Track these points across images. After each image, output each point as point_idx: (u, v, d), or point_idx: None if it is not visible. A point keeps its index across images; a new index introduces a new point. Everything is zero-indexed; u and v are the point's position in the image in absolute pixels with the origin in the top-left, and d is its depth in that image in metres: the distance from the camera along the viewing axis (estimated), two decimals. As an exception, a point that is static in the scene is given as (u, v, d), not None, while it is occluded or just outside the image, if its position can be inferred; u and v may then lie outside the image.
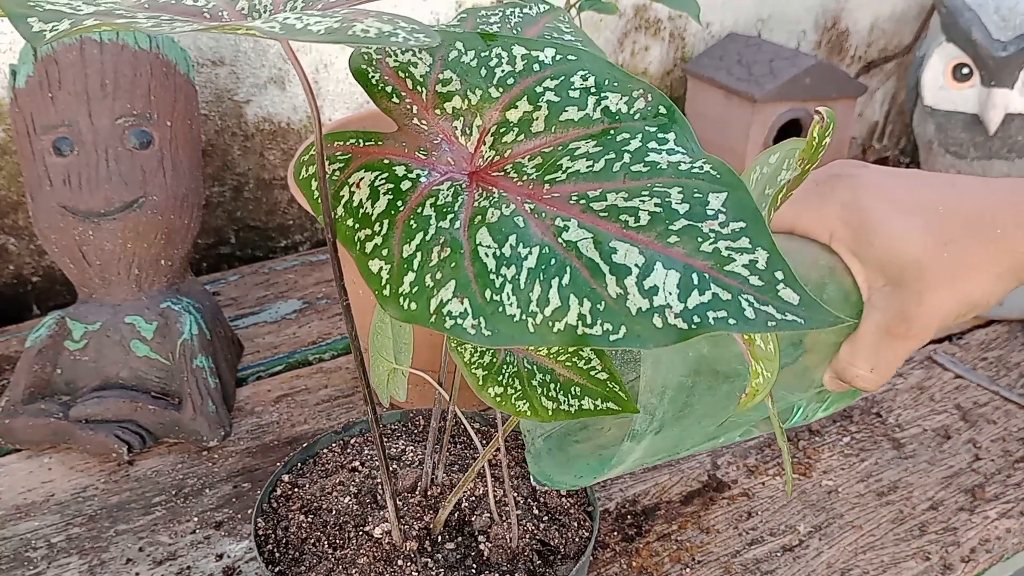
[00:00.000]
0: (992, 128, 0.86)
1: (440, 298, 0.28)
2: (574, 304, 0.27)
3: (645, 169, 0.29)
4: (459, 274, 0.29)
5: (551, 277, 0.27)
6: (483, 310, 0.28)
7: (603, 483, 0.64)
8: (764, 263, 0.26)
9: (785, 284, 0.26)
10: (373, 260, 0.30)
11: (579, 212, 0.29)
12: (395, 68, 0.35)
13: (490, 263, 0.28)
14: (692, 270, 0.26)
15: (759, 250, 0.27)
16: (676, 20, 1.11)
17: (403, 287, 0.29)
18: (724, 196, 0.28)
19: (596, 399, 0.38)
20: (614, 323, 0.26)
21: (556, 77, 0.33)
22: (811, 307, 0.26)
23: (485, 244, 0.29)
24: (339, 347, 0.80)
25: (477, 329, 0.28)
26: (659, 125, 0.31)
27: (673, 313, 0.26)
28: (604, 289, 0.27)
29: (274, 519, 0.49)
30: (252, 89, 0.91)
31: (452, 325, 0.28)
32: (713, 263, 0.27)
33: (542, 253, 0.28)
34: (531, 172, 0.31)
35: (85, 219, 0.66)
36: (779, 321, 0.25)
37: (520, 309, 0.27)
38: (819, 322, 0.25)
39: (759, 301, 0.26)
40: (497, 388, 0.38)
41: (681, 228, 0.27)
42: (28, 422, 0.64)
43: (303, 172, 0.35)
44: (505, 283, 0.28)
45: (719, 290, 0.26)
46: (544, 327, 0.27)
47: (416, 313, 0.29)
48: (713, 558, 0.58)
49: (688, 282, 0.26)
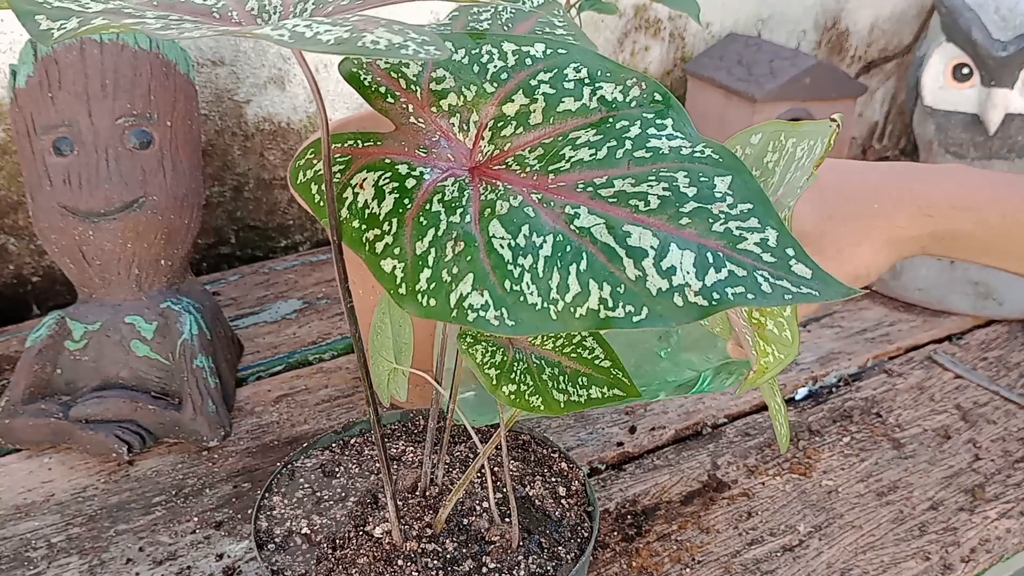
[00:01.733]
0: (992, 128, 0.86)
1: (460, 292, 0.29)
2: (594, 289, 0.27)
3: (648, 155, 0.30)
4: (476, 267, 0.29)
5: (568, 264, 0.28)
6: (504, 301, 0.28)
7: (603, 483, 0.64)
8: (775, 241, 0.27)
9: (797, 259, 0.27)
10: (385, 260, 0.30)
11: (587, 199, 0.29)
12: (387, 70, 0.35)
13: (506, 254, 0.29)
14: (706, 250, 0.27)
15: (768, 229, 0.27)
16: (676, 20, 1.11)
17: (420, 284, 0.29)
18: (729, 179, 0.29)
19: (602, 387, 0.39)
20: (636, 304, 0.27)
21: (549, 70, 0.33)
22: (824, 280, 0.26)
23: (499, 236, 0.29)
24: (339, 347, 0.80)
25: (500, 320, 0.28)
26: (656, 111, 0.32)
27: (693, 291, 0.27)
28: (623, 272, 0.27)
29: (274, 519, 0.49)
30: (252, 89, 0.91)
31: (475, 318, 0.28)
32: (726, 242, 0.27)
33: (556, 241, 0.28)
34: (534, 163, 0.31)
35: (85, 219, 0.66)
36: (795, 294, 0.26)
37: (541, 297, 0.28)
38: (832, 294, 0.26)
39: (774, 276, 0.27)
40: (511, 386, 0.38)
41: (692, 210, 0.28)
42: (28, 422, 0.64)
43: (300, 176, 0.35)
44: (523, 272, 0.28)
45: (734, 267, 0.27)
46: (566, 313, 0.27)
47: (436, 309, 0.29)
48: (713, 558, 0.58)
49: (704, 261, 0.27)
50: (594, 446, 0.68)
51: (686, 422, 0.71)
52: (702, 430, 0.70)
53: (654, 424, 0.70)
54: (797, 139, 0.37)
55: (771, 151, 0.38)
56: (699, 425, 0.71)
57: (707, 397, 0.74)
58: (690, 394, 0.49)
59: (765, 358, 0.34)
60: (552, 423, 0.70)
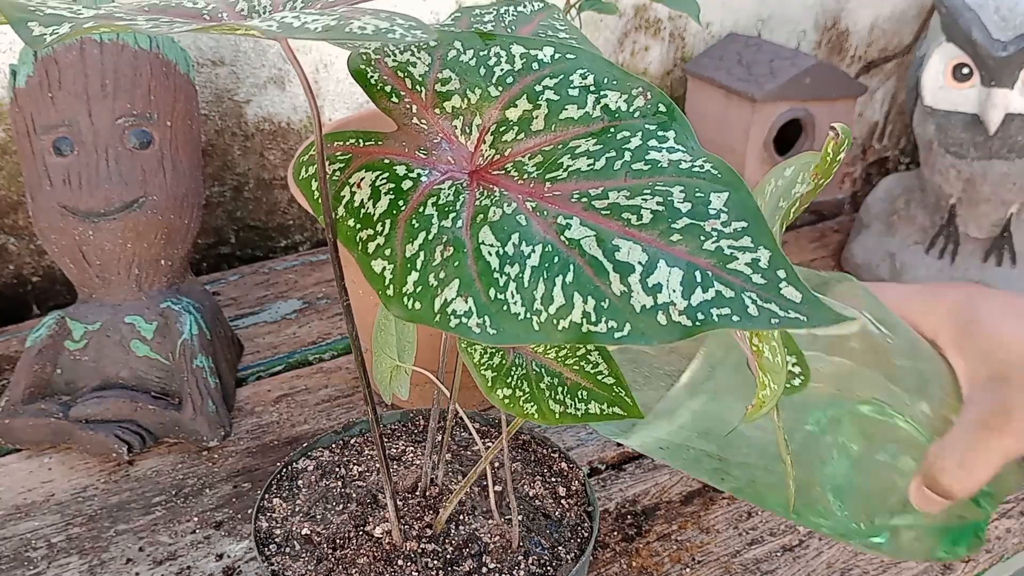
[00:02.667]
0: (992, 128, 0.86)
1: (444, 297, 0.28)
2: (578, 302, 0.27)
3: (646, 167, 0.30)
4: (462, 273, 0.28)
5: (555, 275, 0.27)
6: (487, 309, 0.28)
7: (603, 483, 0.64)
8: (766, 262, 0.26)
9: (787, 282, 0.26)
10: (376, 260, 0.30)
11: (581, 210, 0.29)
12: (394, 68, 0.35)
13: (493, 262, 0.28)
14: (695, 268, 0.26)
15: (761, 249, 0.27)
16: (676, 20, 1.11)
17: (407, 287, 0.29)
18: (726, 196, 0.28)
19: (602, 403, 0.38)
20: (618, 320, 0.26)
21: (555, 75, 0.33)
22: (813, 305, 0.26)
23: (488, 243, 0.29)
24: (339, 347, 0.80)
25: (482, 328, 0.28)
26: (659, 123, 0.31)
27: (677, 310, 0.26)
28: (608, 287, 0.27)
29: (274, 519, 0.49)
30: (252, 89, 0.91)
31: (457, 324, 0.28)
32: (716, 261, 0.26)
33: (545, 251, 0.28)
34: (532, 170, 0.31)
35: (85, 219, 0.66)
36: (782, 318, 0.25)
37: (524, 307, 0.27)
38: (821, 320, 0.25)
39: (762, 299, 0.26)
40: (506, 390, 0.38)
41: (684, 227, 0.27)
42: (28, 422, 0.64)
43: (303, 172, 0.35)
44: (509, 281, 0.28)
45: (722, 287, 0.26)
46: (549, 325, 0.27)
47: (420, 312, 0.29)
48: (713, 558, 0.58)
49: (691, 280, 0.26)
50: (594, 446, 0.68)
51: (686, 422, 0.71)
52: (702, 430, 0.70)
53: (654, 424, 0.70)
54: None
55: (799, 182, 0.37)
56: (699, 425, 0.71)
57: (707, 397, 0.74)
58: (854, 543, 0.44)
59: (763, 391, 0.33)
60: (552, 423, 0.70)
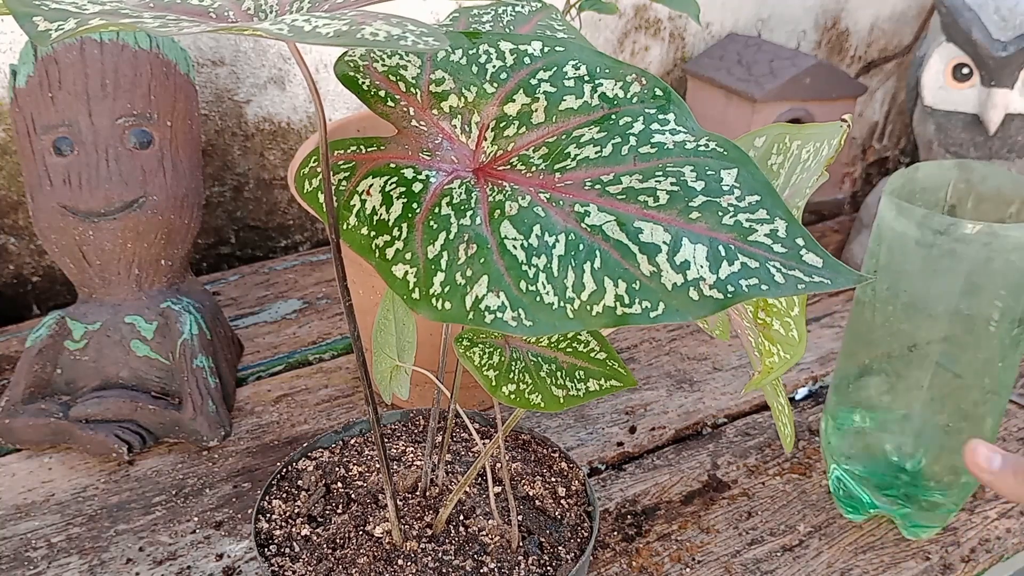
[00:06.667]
0: (992, 128, 0.86)
1: (475, 294, 0.29)
2: (610, 286, 0.27)
3: (653, 150, 0.30)
4: (490, 269, 0.29)
5: (582, 262, 0.28)
6: (520, 301, 0.28)
7: (603, 483, 0.64)
8: (784, 231, 0.27)
9: (807, 249, 0.27)
10: (396, 265, 0.30)
11: (596, 197, 0.29)
12: (384, 72, 0.35)
13: (519, 254, 0.29)
14: (718, 243, 0.27)
15: (777, 219, 0.28)
16: (676, 20, 1.11)
17: (434, 288, 0.29)
18: (736, 172, 0.29)
19: (599, 379, 0.39)
20: (652, 300, 0.27)
21: (548, 68, 0.33)
22: (835, 268, 0.27)
23: (511, 237, 0.29)
24: (339, 347, 0.80)
25: (518, 320, 0.28)
26: (658, 107, 0.32)
27: (707, 285, 0.27)
28: (637, 268, 0.27)
29: (274, 519, 0.49)
30: (252, 89, 0.91)
31: (493, 319, 0.28)
32: (736, 235, 0.27)
33: (569, 239, 0.28)
34: (539, 163, 0.31)
35: (85, 219, 0.66)
36: (808, 283, 0.26)
37: (557, 296, 0.28)
38: (844, 281, 0.26)
39: (786, 267, 0.27)
40: (510, 386, 0.38)
41: (701, 204, 0.28)
42: (28, 422, 0.64)
43: (307, 185, 0.35)
44: (538, 272, 0.28)
45: (747, 259, 0.27)
46: (583, 311, 0.27)
47: (451, 312, 0.29)
48: (713, 558, 0.58)
49: (716, 254, 0.27)
50: (594, 446, 0.68)
51: (686, 422, 0.71)
52: (702, 430, 0.70)
53: (654, 424, 0.70)
54: (802, 141, 0.37)
55: (775, 153, 0.38)
56: (699, 425, 0.71)
57: (707, 397, 0.74)
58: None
59: (770, 359, 0.34)
60: (552, 423, 0.70)
